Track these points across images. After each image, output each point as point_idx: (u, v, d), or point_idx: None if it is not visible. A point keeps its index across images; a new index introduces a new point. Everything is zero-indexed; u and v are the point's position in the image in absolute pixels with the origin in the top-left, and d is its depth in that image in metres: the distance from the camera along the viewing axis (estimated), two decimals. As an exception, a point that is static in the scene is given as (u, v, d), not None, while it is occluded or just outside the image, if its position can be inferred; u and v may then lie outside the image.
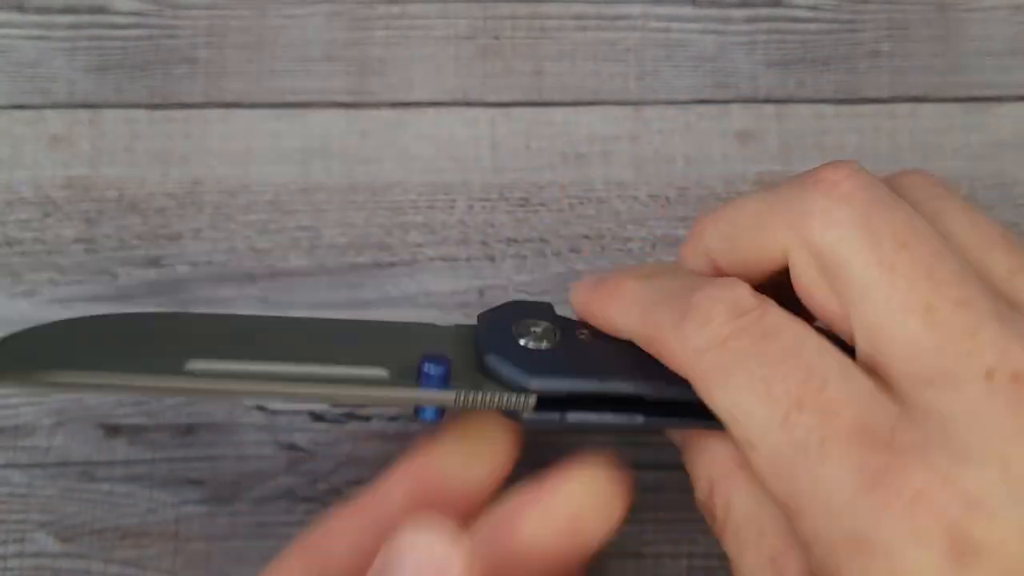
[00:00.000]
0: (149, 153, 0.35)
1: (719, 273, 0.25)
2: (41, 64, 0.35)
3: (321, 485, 0.33)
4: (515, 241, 0.34)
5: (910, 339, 0.21)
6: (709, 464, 0.25)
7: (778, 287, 0.24)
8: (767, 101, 0.35)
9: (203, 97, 0.35)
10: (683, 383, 0.23)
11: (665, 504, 0.32)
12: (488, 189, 0.34)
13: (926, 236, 0.22)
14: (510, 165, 0.34)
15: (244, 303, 0.34)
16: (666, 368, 0.24)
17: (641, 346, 0.24)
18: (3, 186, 0.34)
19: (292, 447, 0.33)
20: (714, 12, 0.35)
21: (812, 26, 0.35)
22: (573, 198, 0.34)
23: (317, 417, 0.33)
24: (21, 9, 0.35)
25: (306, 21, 0.35)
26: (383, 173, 0.34)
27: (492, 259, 0.34)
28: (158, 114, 0.35)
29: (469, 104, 0.35)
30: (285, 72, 0.35)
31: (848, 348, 0.22)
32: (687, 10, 0.35)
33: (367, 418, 0.33)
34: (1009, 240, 0.23)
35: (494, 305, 0.26)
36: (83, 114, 0.35)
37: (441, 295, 0.34)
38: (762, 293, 0.23)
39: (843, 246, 0.22)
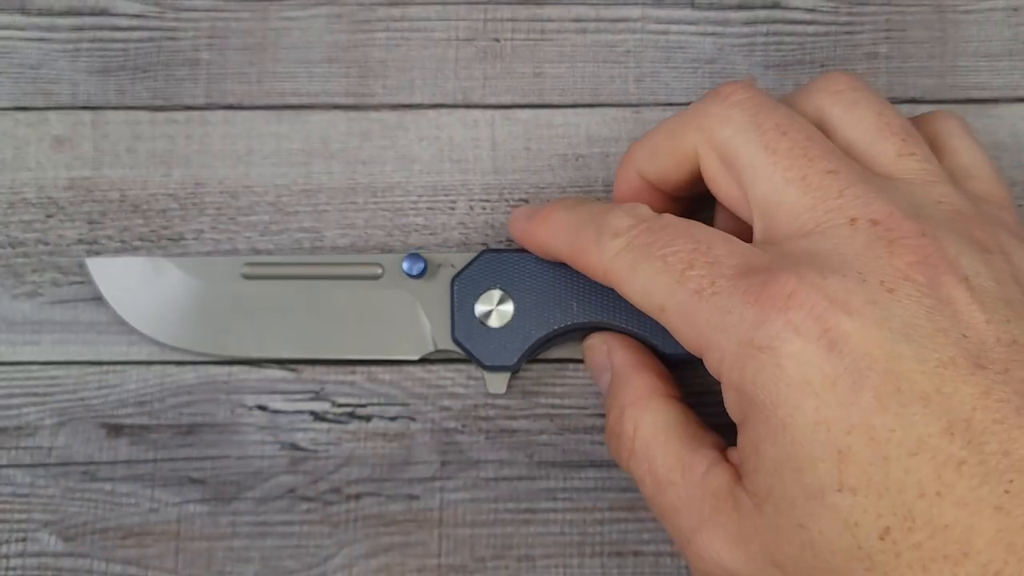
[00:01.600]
0: (151, 154, 0.35)
1: (646, 187, 0.30)
2: (44, 66, 0.35)
3: (322, 484, 0.33)
4: (515, 242, 0.34)
5: (790, 203, 0.26)
6: (626, 393, 0.29)
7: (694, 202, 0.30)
8: (765, 103, 0.35)
9: (205, 99, 0.35)
10: (600, 311, 0.31)
11: (664, 503, 0.32)
12: (488, 190, 0.34)
13: (802, 126, 0.27)
14: (510, 166, 0.35)
15: (246, 304, 0.34)
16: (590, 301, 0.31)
17: (568, 262, 0.29)
18: (6, 187, 0.34)
19: (293, 447, 0.33)
20: (713, 15, 0.35)
21: (810, 28, 0.35)
22: (573, 199, 0.34)
23: (318, 417, 0.33)
24: (24, 11, 0.35)
25: (307, 23, 0.35)
26: (384, 174, 0.35)
27: (492, 260, 0.34)
28: (160, 116, 0.35)
29: (469, 106, 0.35)
30: (286, 74, 0.35)
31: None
32: (686, 12, 0.35)
33: (368, 418, 0.33)
34: (907, 130, 0.27)
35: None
36: (85, 116, 0.35)
37: (441, 296, 0.34)
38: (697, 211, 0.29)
39: (736, 138, 0.27)
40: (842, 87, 0.28)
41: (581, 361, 0.33)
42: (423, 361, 0.33)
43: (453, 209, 0.34)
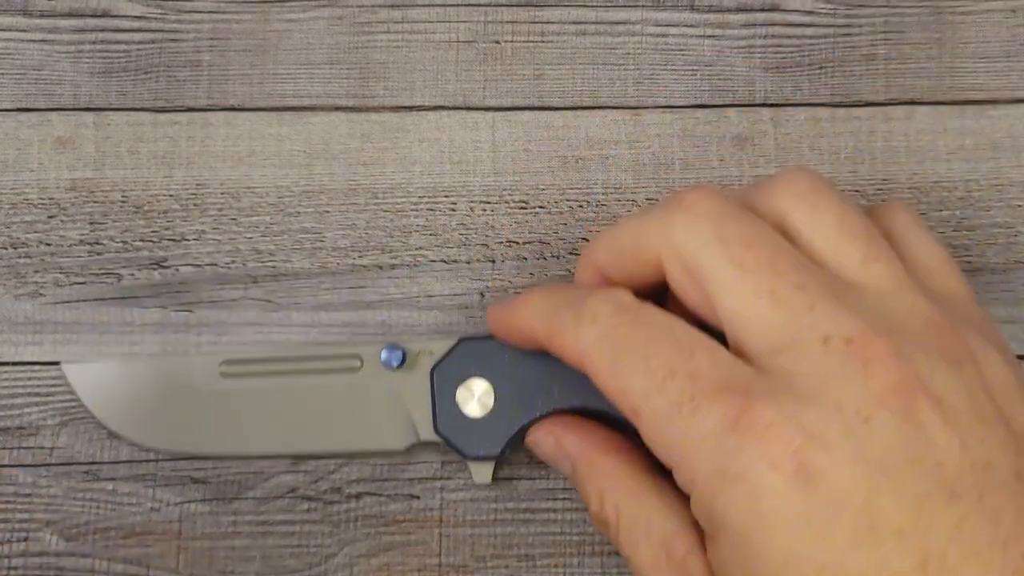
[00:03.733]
0: (153, 156, 0.35)
1: (607, 282, 0.29)
2: (46, 67, 0.35)
3: (323, 484, 0.33)
4: (515, 243, 0.34)
5: (761, 319, 0.25)
6: (598, 478, 0.29)
7: (662, 295, 0.28)
8: (764, 105, 0.35)
9: (207, 100, 0.35)
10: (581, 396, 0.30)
11: (663, 503, 0.32)
12: (488, 192, 0.35)
13: (768, 237, 0.26)
14: (510, 168, 0.35)
15: (247, 305, 0.34)
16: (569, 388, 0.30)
17: (545, 347, 0.28)
18: (8, 188, 0.35)
19: (294, 447, 0.33)
20: (712, 17, 0.36)
21: (808, 30, 0.36)
22: (572, 201, 0.34)
23: (319, 417, 0.33)
24: (26, 13, 0.36)
25: (309, 25, 0.36)
26: (384, 176, 0.35)
27: (493, 261, 0.34)
28: (162, 117, 0.35)
29: (470, 108, 0.35)
30: (288, 76, 0.35)
31: (720, 337, 0.26)
32: (685, 15, 0.36)
33: (368, 418, 0.33)
34: (870, 232, 0.27)
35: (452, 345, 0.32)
36: (88, 117, 0.35)
37: (442, 297, 0.34)
38: (649, 299, 0.27)
39: (701, 251, 0.26)
40: (803, 189, 0.27)
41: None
42: (409, 450, 0.32)
43: (453, 210, 0.34)
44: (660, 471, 0.28)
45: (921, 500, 0.22)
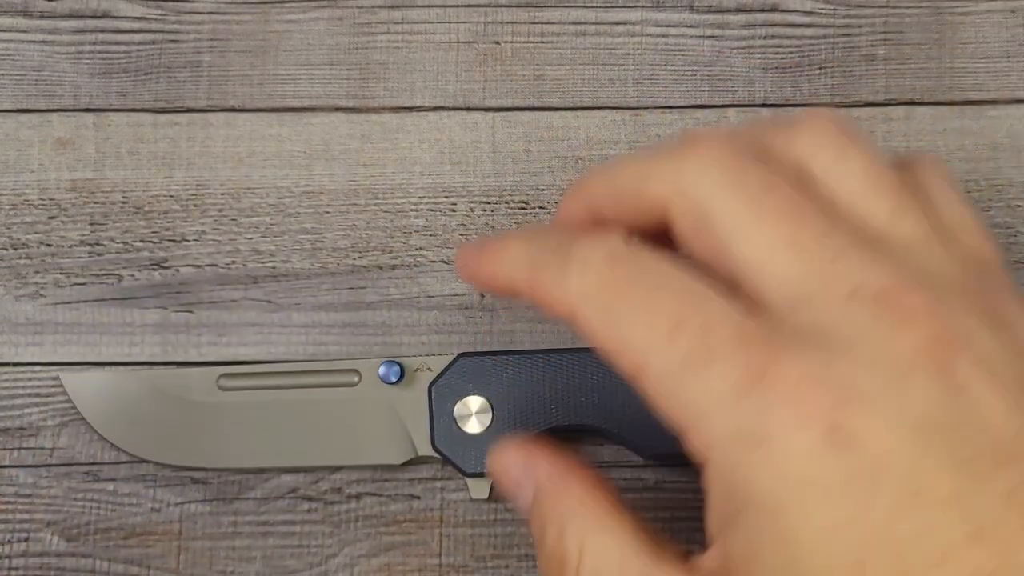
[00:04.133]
0: (153, 156, 0.35)
1: (600, 223, 0.26)
2: (46, 68, 0.35)
3: (323, 484, 0.33)
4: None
5: (780, 269, 0.22)
6: (563, 507, 0.25)
7: (660, 239, 0.25)
8: (763, 106, 0.35)
9: (207, 101, 0.35)
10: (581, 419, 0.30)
11: (664, 503, 0.32)
12: (488, 192, 0.35)
13: (788, 181, 0.23)
14: (510, 169, 0.35)
15: (248, 305, 0.34)
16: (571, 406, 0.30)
17: (527, 299, 0.25)
18: (9, 189, 0.35)
19: (295, 447, 0.33)
20: (711, 18, 0.36)
21: (808, 31, 0.36)
22: (572, 201, 0.35)
23: (319, 417, 0.33)
24: (26, 14, 0.36)
25: (309, 26, 0.36)
26: (385, 176, 0.35)
27: (492, 261, 0.34)
28: (162, 118, 0.35)
29: (470, 108, 0.35)
30: (288, 76, 0.35)
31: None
32: (685, 16, 0.36)
33: (369, 418, 0.33)
34: (899, 185, 0.24)
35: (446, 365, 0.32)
36: (88, 118, 0.35)
37: (442, 297, 0.34)
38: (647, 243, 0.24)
39: (714, 194, 0.23)
40: (828, 135, 0.25)
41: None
42: (405, 465, 0.32)
43: (454, 211, 0.35)
44: (631, 507, 0.25)
45: (968, 464, 0.20)
